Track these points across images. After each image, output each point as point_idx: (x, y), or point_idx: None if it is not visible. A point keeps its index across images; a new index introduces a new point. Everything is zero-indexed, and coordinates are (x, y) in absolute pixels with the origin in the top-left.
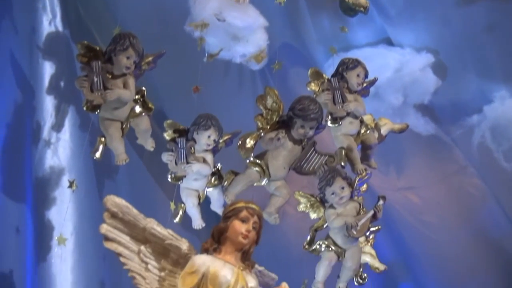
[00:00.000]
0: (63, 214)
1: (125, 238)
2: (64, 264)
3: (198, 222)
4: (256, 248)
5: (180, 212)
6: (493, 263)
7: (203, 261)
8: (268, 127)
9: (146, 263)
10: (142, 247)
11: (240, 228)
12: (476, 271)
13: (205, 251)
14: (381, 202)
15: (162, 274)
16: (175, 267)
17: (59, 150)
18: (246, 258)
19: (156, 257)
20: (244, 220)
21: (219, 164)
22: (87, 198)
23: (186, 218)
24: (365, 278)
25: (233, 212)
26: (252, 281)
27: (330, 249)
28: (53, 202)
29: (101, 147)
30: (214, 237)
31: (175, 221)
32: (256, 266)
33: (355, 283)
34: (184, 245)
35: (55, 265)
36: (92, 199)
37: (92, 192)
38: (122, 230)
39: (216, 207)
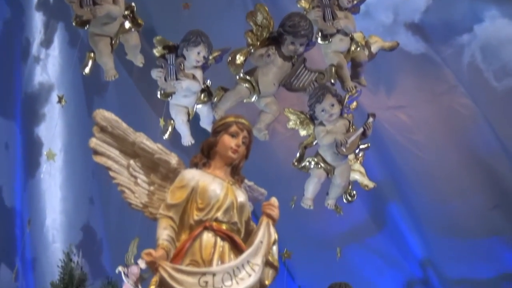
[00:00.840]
0: (52, 130)
1: (114, 152)
2: (53, 180)
3: (187, 139)
4: (245, 166)
5: (170, 129)
6: (482, 182)
7: (192, 176)
8: (258, 44)
9: (135, 178)
10: (132, 161)
11: (229, 142)
12: (465, 189)
13: (195, 165)
14: (370, 119)
15: (151, 188)
16: (164, 182)
17: (48, 67)
18: (235, 173)
19: (146, 172)
20: (233, 135)
21: (208, 81)
22: (76, 114)
23: (175, 135)
24: (354, 195)
25: (223, 127)
26: (241, 196)
27: (319, 166)
28: (42, 118)
29: (90, 62)
30: (204, 151)
31: (164, 137)
32: (246, 181)
33: (344, 201)
34: (173, 159)
35: (44, 181)
36: (81, 116)
37: (81, 109)
38: (112, 144)
39: (206, 123)
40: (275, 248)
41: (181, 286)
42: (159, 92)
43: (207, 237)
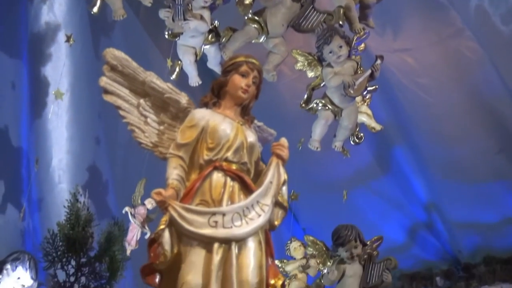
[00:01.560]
0: (58, 70)
1: (124, 91)
2: (59, 120)
3: (194, 80)
4: (253, 109)
5: (177, 69)
6: (487, 126)
7: (202, 115)
8: None
9: (146, 117)
10: (142, 101)
11: (240, 82)
12: (470, 132)
13: (205, 105)
14: (378, 61)
15: (161, 127)
16: (174, 121)
17: (55, 6)
18: (245, 113)
19: (155, 111)
20: (244, 75)
21: (216, 21)
22: (82, 54)
23: (183, 76)
24: (361, 137)
25: (233, 66)
26: (251, 136)
27: (326, 108)
28: (48, 58)
29: (98, 1)
30: (214, 91)
31: (171, 78)
32: (255, 121)
33: (351, 143)
34: (183, 99)
35: (51, 121)
36: (87, 56)
37: (88, 49)
38: (121, 83)
39: (213, 64)
40: (284, 188)
41: (191, 226)
42: (166, 33)
43: (217, 177)
